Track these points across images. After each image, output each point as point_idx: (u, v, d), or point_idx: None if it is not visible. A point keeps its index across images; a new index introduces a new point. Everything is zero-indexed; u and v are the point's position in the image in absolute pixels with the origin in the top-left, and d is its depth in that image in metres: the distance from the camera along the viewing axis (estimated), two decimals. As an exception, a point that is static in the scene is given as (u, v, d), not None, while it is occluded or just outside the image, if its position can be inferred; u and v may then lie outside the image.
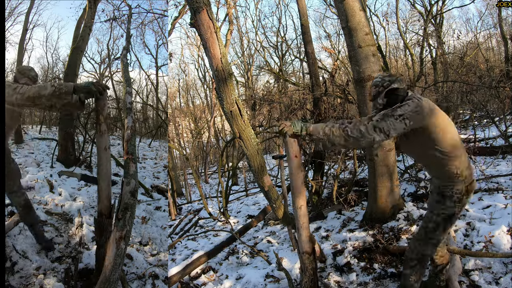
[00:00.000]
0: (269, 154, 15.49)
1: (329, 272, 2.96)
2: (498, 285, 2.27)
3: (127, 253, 2.99)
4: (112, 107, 10.86)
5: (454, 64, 7.10)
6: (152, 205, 4.67)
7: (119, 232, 1.99)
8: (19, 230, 2.95)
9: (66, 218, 3.49)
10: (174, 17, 8.16)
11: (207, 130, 17.35)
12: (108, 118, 2.27)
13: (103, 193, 2.14)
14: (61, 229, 3.24)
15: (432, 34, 9.57)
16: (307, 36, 4.96)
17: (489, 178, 4.03)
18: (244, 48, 17.59)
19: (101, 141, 2.14)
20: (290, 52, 16.66)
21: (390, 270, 2.71)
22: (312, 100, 5.03)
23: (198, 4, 2.09)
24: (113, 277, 1.87)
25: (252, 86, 14.81)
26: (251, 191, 8.89)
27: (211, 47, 2.16)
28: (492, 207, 3.24)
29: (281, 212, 2.74)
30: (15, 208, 2.83)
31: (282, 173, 3.71)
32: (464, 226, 3.01)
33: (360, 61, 3.21)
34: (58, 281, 2.48)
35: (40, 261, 2.65)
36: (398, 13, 9.51)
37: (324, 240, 3.62)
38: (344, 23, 3.26)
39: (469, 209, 3.31)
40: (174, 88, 21.30)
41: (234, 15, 13.71)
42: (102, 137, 2.14)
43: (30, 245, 2.81)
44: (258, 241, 4.14)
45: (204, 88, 20.05)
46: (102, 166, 2.14)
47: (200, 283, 3.26)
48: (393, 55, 15.45)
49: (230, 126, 2.40)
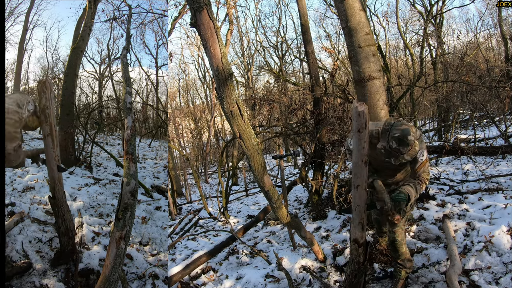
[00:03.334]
0: (269, 154, 15.51)
1: (329, 272, 2.96)
2: (498, 285, 2.26)
3: (127, 253, 2.99)
4: (112, 107, 10.86)
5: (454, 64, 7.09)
6: (152, 205, 4.67)
7: (119, 232, 1.99)
8: (19, 230, 2.95)
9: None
10: (174, 17, 8.17)
11: (207, 130, 17.35)
12: (47, 109, 2.37)
13: (49, 174, 2.45)
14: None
15: (432, 34, 9.57)
16: (307, 36, 4.95)
17: (489, 178, 4.03)
18: (244, 48, 17.61)
19: (42, 129, 2.39)
20: (290, 52, 16.69)
21: (390, 270, 2.71)
22: (312, 100, 5.02)
23: (198, 4, 2.09)
24: (113, 277, 1.87)
25: (252, 86, 14.81)
26: (251, 191, 8.89)
27: (211, 47, 2.16)
28: (492, 207, 3.24)
29: (282, 213, 2.73)
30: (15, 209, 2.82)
31: (282, 173, 3.71)
32: (464, 226, 3.01)
33: (360, 61, 3.20)
34: (58, 281, 2.48)
35: (40, 261, 2.65)
36: (398, 13, 9.51)
37: (324, 240, 3.62)
38: (344, 23, 3.26)
39: (469, 209, 3.31)
40: (174, 88, 21.32)
41: (234, 15, 13.71)
42: (42, 125, 2.37)
43: (30, 245, 2.81)
44: (258, 241, 4.14)
45: (204, 88, 20.08)
46: (46, 151, 2.42)
47: (200, 283, 3.26)
48: (393, 55, 15.46)
49: (230, 126, 2.39)
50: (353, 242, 1.96)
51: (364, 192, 1.92)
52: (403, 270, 2.45)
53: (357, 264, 1.96)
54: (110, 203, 4.26)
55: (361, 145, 1.86)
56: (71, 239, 2.70)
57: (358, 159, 1.89)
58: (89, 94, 17.20)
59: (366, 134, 1.84)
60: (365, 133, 1.84)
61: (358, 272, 1.98)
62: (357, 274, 1.98)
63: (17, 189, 4.06)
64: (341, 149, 4.26)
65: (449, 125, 7.56)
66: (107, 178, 5.42)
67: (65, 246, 2.67)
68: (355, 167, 1.92)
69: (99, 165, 6.30)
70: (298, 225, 2.90)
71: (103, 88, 16.95)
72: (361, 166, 1.89)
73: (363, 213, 1.94)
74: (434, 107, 9.34)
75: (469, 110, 7.44)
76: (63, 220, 2.60)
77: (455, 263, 2.42)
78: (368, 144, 1.89)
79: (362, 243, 1.96)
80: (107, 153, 6.69)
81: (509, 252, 2.49)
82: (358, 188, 1.91)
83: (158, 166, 7.56)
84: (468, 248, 2.72)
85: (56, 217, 2.59)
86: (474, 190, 3.78)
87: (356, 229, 1.93)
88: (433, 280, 2.48)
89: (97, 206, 4.07)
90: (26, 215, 3.24)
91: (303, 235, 2.94)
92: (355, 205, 1.93)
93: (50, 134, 2.37)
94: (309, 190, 4.78)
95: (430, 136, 8.65)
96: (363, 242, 1.96)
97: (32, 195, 3.93)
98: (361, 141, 1.85)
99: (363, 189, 1.92)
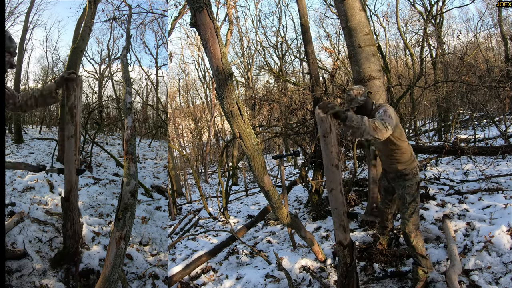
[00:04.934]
0: (269, 154, 15.51)
1: (329, 272, 2.96)
2: (498, 285, 2.27)
3: (127, 253, 2.99)
4: (112, 107, 10.86)
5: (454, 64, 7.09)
6: (152, 205, 4.66)
7: (119, 232, 1.98)
8: (19, 230, 2.95)
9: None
10: (174, 17, 8.17)
11: (207, 130, 17.35)
12: (75, 108, 2.29)
13: (66, 177, 2.35)
14: (61, 229, 3.24)
15: (432, 34, 9.57)
16: (307, 36, 4.95)
17: (489, 178, 4.03)
18: (244, 48, 17.61)
19: (66, 129, 2.25)
20: (290, 52, 16.69)
21: (390, 270, 2.71)
22: (312, 100, 5.02)
23: (198, 4, 2.09)
24: (113, 277, 1.87)
25: (252, 86, 14.81)
26: (251, 191, 8.89)
27: (211, 47, 2.16)
28: (492, 207, 3.25)
29: (282, 213, 2.73)
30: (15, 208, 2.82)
31: (282, 173, 3.71)
32: (464, 226, 3.01)
33: (360, 61, 3.20)
34: (58, 281, 2.48)
35: (40, 261, 2.65)
36: (398, 13, 9.50)
37: (324, 240, 3.62)
38: (344, 23, 3.26)
39: (469, 209, 3.31)
40: (174, 88, 21.32)
41: (234, 15, 13.71)
42: (67, 126, 2.26)
43: (30, 245, 2.81)
44: (258, 241, 4.14)
45: (204, 88, 20.08)
46: (67, 153, 2.27)
47: (200, 283, 3.26)
48: (393, 55, 15.46)
49: (230, 126, 2.39)
50: (338, 244, 1.98)
51: (340, 195, 1.94)
52: (420, 268, 2.42)
53: (344, 265, 1.98)
54: (110, 203, 4.26)
55: (329, 149, 1.88)
56: (77, 242, 2.69)
57: (328, 164, 1.91)
58: (89, 94, 17.22)
59: (333, 138, 1.87)
60: (330, 137, 1.86)
61: (347, 273, 1.99)
62: (347, 275, 1.99)
63: (17, 189, 4.06)
64: (341, 149, 4.26)
65: (449, 125, 7.56)
66: (107, 178, 5.42)
67: (70, 248, 2.64)
68: (326, 171, 1.94)
69: (99, 165, 6.30)
70: (298, 225, 2.90)
71: (103, 88, 16.96)
72: (331, 170, 1.91)
73: (342, 215, 1.94)
74: (434, 107, 9.35)
75: (469, 110, 7.45)
76: (72, 223, 2.56)
77: (455, 263, 2.42)
78: (337, 147, 1.94)
79: (347, 245, 1.97)
80: (107, 153, 6.69)
81: (509, 252, 2.49)
82: (333, 191, 1.93)
83: (158, 166, 7.56)
84: (468, 248, 2.72)
85: (65, 219, 2.57)
86: (474, 190, 3.78)
87: (338, 231, 1.95)
88: (433, 280, 2.48)
89: (97, 206, 4.07)
90: (26, 215, 3.24)
91: (303, 235, 2.94)
92: (333, 208, 1.95)
93: (75, 136, 2.28)
94: (309, 190, 4.78)
95: (430, 136, 8.65)
96: (347, 244, 1.97)
97: (32, 195, 3.93)
98: (328, 145, 1.87)
99: (338, 192, 1.93)
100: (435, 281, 2.48)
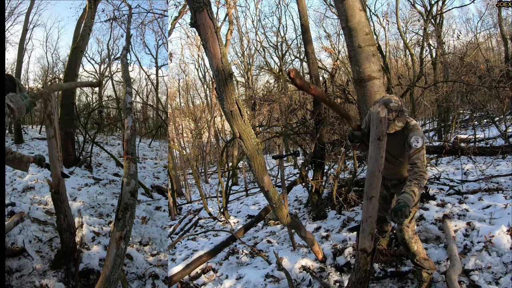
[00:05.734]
0: (269, 154, 15.51)
1: (329, 272, 2.96)
2: (498, 285, 2.26)
3: (127, 253, 2.99)
4: (112, 107, 10.86)
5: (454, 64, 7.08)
6: (152, 205, 4.67)
7: (119, 232, 1.98)
8: (19, 230, 2.95)
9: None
10: (174, 17, 8.18)
11: (207, 130, 17.35)
12: (52, 115, 2.52)
13: (52, 172, 2.58)
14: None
15: (432, 34, 9.56)
16: (307, 36, 4.95)
17: (489, 178, 4.03)
18: (244, 48, 17.63)
19: (47, 132, 2.58)
20: (290, 52, 16.70)
21: (390, 270, 2.71)
22: (312, 100, 5.02)
23: (198, 4, 2.09)
24: (113, 277, 1.87)
25: (252, 86, 14.81)
26: (251, 191, 8.90)
27: (211, 47, 2.16)
28: (492, 207, 3.24)
29: (282, 213, 2.73)
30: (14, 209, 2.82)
31: (282, 173, 3.71)
32: (464, 226, 3.01)
33: (360, 61, 3.20)
34: (58, 281, 2.48)
35: (40, 261, 2.65)
36: (398, 13, 9.51)
37: (324, 240, 3.62)
38: (344, 23, 3.26)
39: (469, 209, 3.31)
40: (174, 88, 21.33)
41: (234, 15, 13.71)
42: (47, 129, 2.57)
43: (30, 245, 2.81)
44: (258, 241, 4.14)
45: (204, 88, 20.10)
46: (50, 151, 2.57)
47: (200, 283, 3.26)
48: (393, 55, 15.47)
49: (230, 126, 2.39)
50: (362, 251, 1.91)
51: (377, 203, 1.84)
52: (424, 271, 2.40)
53: (364, 272, 1.93)
54: (110, 203, 4.26)
55: (380, 154, 1.72)
56: (73, 235, 2.73)
57: (375, 169, 1.76)
58: (89, 94, 17.22)
59: (385, 143, 1.73)
60: (385, 141, 1.70)
61: (364, 279, 1.96)
62: (363, 281, 1.97)
63: (17, 189, 4.07)
64: (341, 149, 4.26)
65: (449, 125, 7.56)
66: (107, 178, 5.42)
67: (67, 243, 2.68)
68: (370, 177, 1.80)
69: (99, 165, 6.30)
70: (298, 225, 2.90)
71: (103, 88, 16.95)
72: (377, 177, 1.78)
73: (374, 223, 1.86)
74: (434, 107, 9.33)
75: (469, 110, 7.44)
76: (65, 216, 2.63)
77: (455, 263, 2.42)
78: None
79: (370, 252, 1.91)
80: (107, 153, 6.69)
81: (509, 252, 2.49)
82: (372, 199, 1.80)
83: (158, 166, 7.56)
84: (468, 248, 2.72)
85: (58, 213, 2.62)
86: (474, 190, 3.78)
87: (365, 239, 1.87)
88: (433, 280, 2.48)
89: (97, 206, 4.07)
90: (26, 215, 3.24)
91: (303, 235, 2.94)
92: (367, 216, 1.85)
93: (54, 136, 2.56)
94: (309, 190, 4.78)
95: (430, 136, 8.65)
96: (371, 251, 1.91)
97: (32, 195, 3.93)
98: (380, 150, 1.72)
99: (376, 200, 1.82)
100: (435, 281, 2.48)
